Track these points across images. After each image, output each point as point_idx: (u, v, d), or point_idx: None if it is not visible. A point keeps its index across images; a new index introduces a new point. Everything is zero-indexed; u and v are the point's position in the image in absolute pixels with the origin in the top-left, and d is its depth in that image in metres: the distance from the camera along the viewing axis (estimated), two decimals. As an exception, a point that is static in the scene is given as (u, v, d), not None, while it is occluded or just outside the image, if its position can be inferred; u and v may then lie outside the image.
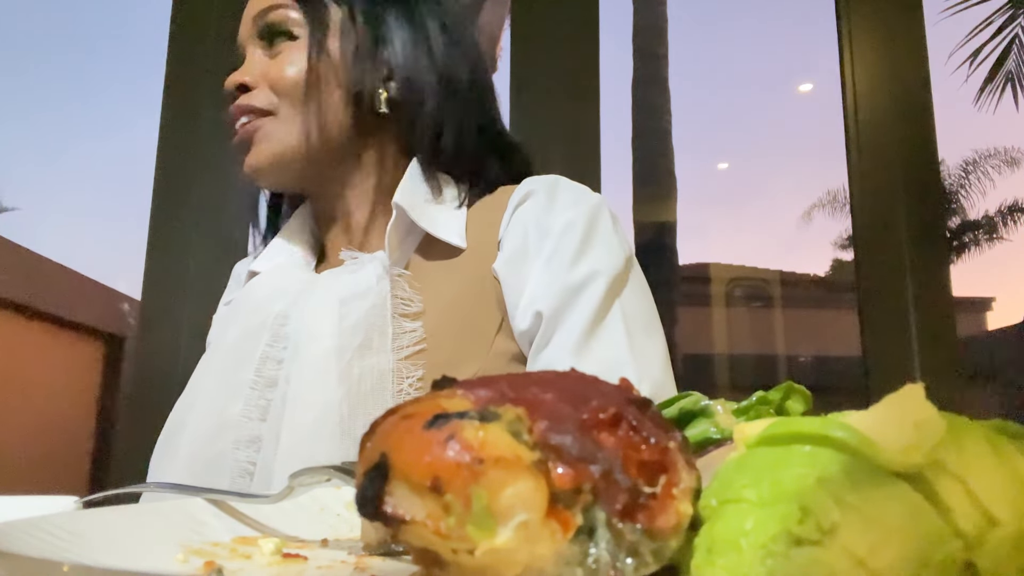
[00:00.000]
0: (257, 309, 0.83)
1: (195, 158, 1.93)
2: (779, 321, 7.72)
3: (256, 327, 0.81)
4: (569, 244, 0.80)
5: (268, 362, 0.79)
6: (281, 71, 0.85)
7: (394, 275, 0.80)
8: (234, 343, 0.82)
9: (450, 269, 0.82)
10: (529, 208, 0.83)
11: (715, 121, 13.61)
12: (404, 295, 0.80)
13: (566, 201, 0.83)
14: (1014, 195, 9.93)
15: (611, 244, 0.82)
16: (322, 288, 0.81)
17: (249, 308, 0.85)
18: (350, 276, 0.81)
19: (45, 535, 0.36)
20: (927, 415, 0.26)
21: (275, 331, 0.80)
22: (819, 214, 9.84)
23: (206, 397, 0.81)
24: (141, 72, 14.55)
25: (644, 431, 0.28)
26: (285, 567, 0.39)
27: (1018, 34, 6.83)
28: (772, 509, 0.24)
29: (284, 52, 0.86)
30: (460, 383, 0.30)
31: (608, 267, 0.79)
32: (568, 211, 0.82)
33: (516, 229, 0.83)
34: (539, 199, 0.84)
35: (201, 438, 0.78)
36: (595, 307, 0.77)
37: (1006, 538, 0.25)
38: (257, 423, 0.78)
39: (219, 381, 0.81)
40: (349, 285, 0.79)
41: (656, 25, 6.48)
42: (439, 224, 0.83)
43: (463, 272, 0.82)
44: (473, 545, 0.25)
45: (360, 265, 0.82)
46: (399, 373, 0.76)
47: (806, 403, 0.38)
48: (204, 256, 1.87)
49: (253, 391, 0.78)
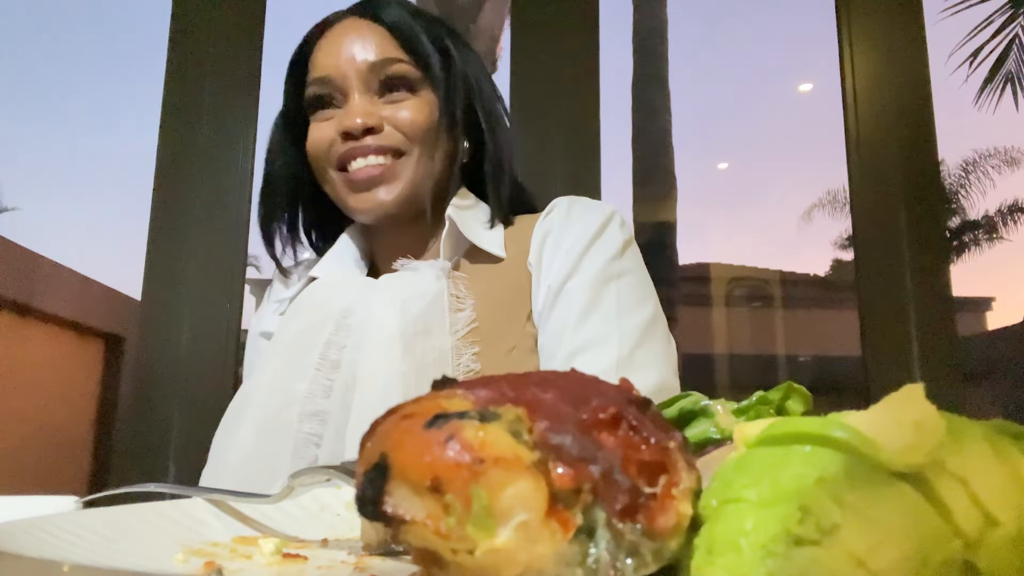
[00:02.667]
0: (319, 305, 0.93)
1: (195, 158, 1.93)
2: (779, 321, 7.73)
3: (320, 319, 0.91)
4: (584, 238, 0.94)
5: (332, 347, 0.89)
6: (412, 118, 0.95)
7: (451, 276, 0.93)
8: (298, 332, 0.92)
9: (492, 272, 0.97)
10: (556, 214, 0.99)
11: (715, 121, 13.63)
12: (459, 294, 0.93)
13: (586, 207, 0.99)
14: (1014, 195, 9.94)
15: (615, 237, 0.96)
16: (383, 287, 0.93)
17: (311, 305, 0.95)
18: (411, 276, 0.93)
19: (45, 535, 0.36)
20: (927, 415, 0.26)
21: (339, 322, 0.90)
22: (819, 214, 9.85)
23: (271, 377, 0.90)
24: (141, 72, 14.55)
25: (644, 431, 0.28)
26: (285, 567, 0.39)
27: (1018, 34, 6.83)
28: (772, 509, 0.24)
29: (408, 101, 0.96)
30: (460, 383, 0.30)
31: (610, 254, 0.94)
32: (586, 215, 0.97)
33: (544, 230, 0.97)
34: (564, 207, 0.99)
35: (266, 411, 0.88)
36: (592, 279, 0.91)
37: (1006, 538, 0.25)
38: (321, 400, 0.87)
39: (284, 363, 0.90)
40: (410, 285, 0.91)
41: (656, 25, 6.48)
42: (483, 238, 0.97)
43: (503, 272, 0.96)
44: (473, 545, 0.25)
45: (418, 269, 0.94)
46: (457, 350, 0.89)
47: (806, 403, 0.38)
48: (204, 256, 1.87)
49: (318, 372, 0.88)
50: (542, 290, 0.93)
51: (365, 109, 0.94)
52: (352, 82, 0.95)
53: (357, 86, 0.95)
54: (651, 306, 0.94)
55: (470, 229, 0.97)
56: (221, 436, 0.91)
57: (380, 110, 0.95)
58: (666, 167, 6.18)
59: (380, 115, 0.95)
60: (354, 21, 0.98)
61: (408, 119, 0.95)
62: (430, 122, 0.96)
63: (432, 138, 0.96)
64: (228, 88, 1.98)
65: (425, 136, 0.95)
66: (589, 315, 0.90)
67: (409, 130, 0.95)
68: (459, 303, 0.92)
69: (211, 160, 1.93)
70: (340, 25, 0.99)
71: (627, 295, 0.92)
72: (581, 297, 0.90)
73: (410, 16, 0.99)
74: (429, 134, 0.96)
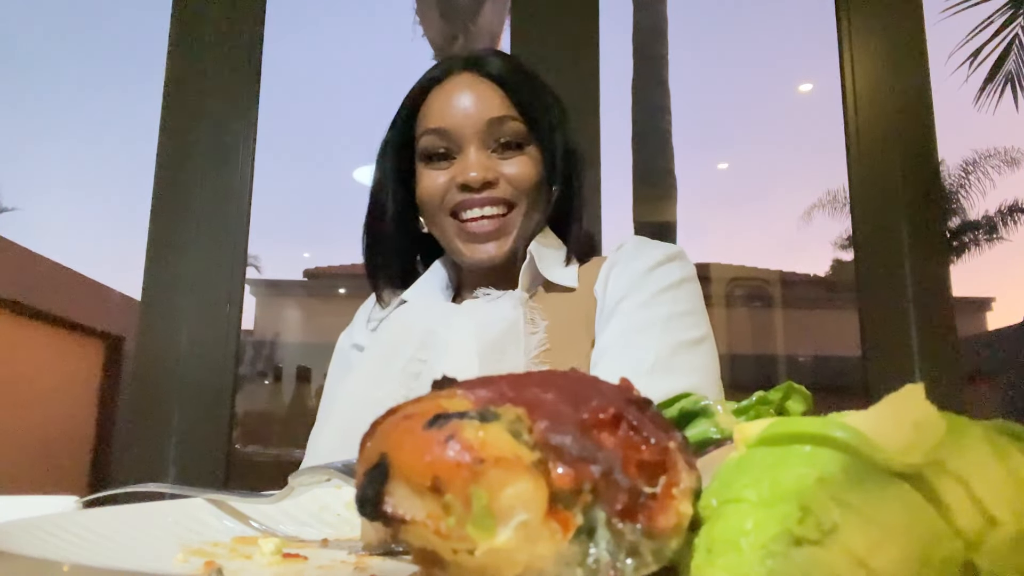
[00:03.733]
0: (407, 326, 1.02)
1: (195, 158, 1.93)
2: (779, 321, 7.72)
3: (405, 338, 1.00)
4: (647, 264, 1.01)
5: (414, 362, 0.96)
6: (524, 174, 1.03)
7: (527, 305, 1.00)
8: (386, 346, 1.01)
9: (565, 301, 1.04)
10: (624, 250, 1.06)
11: (715, 121, 13.61)
12: (533, 319, 0.99)
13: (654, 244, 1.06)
14: (1014, 195, 9.93)
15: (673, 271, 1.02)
16: (465, 313, 1.00)
17: (399, 325, 1.03)
18: (490, 305, 1.00)
19: (45, 535, 0.36)
20: (927, 415, 0.26)
21: (423, 339, 0.98)
22: (819, 214, 9.84)
23: (357, 381, 1.00)
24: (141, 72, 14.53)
25: (644, 431, 0.27)
26: (285, 567, 0.39)
27: (1018, 34, 6.84)
28: (772, 509, 0.24)
29: (519, 157, 1.03)
30: (460, 383, 0.30)
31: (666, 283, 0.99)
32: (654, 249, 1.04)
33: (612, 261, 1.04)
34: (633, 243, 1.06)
35: (348, 412, 0.97)
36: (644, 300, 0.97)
37: (1006, 538, 0.25)
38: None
39: (370, 372, 1.00)
40: (489, 312, 0.99)
41: (656, 25, 6.47)
42: (556, 273, 1.05)
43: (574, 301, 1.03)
44: (473, 545, 0.25)
45: (497, 299, 1.01)
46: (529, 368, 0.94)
47: (806, 403, 0.38)
48: (204, 256, 1.87)
49: (399, 380, 0.95)
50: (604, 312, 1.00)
51: (483, 164, 1.01)
52: (469, 136, 1.02)
53: (474, 141, 1.02)
54: (702, 330, 0.97)
55: (547, 266, 1.04)
56: (315, 430, 1.03)
57: (496, 165, 1.02)
58: (666, 167, 6.17)
59: (497, 170, 1.02)
60: (470, 77, 1.05)
61: (520, 175, 1.03)
62: (538, 177, 1.04)
63: (536, 192, 1.04)
64: (228, 89, 1.98)
65: (532, 189, 1.03)
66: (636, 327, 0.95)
67: (521, 185, 1.03)
68: (532, 327, 0.98)
69: (211, 160, 1.93)
70: (457, 79, 1.05)
71: (678, 317, 0.96)
72: (631, 314, 0.96)
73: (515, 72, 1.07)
74: (535, 188, 1.03)
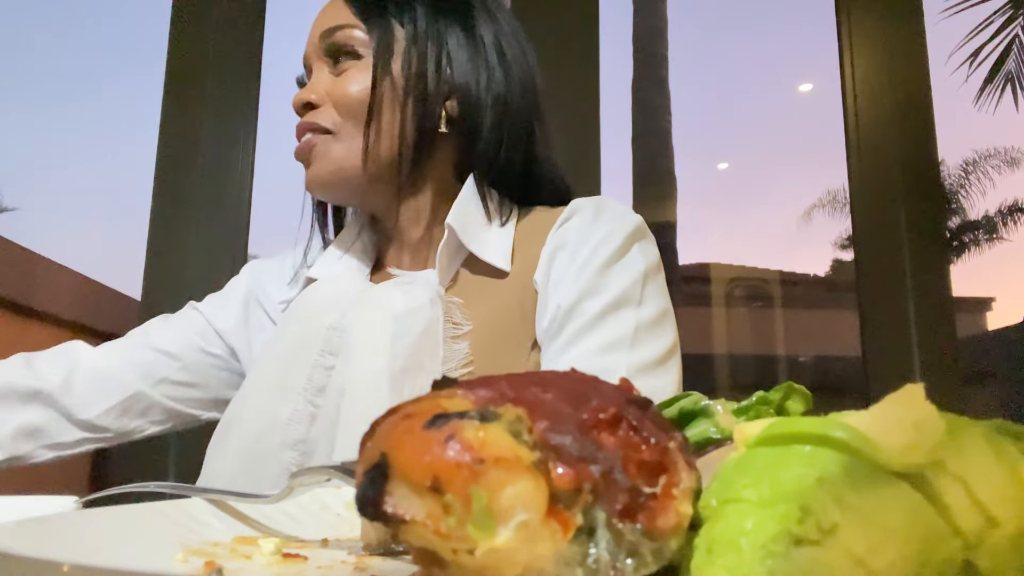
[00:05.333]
0: (310, 318, 0.86)
1: (195, 158, 1.93)
2: (779, 321, 7.72)
3: (310, 335, 0.84)
4: (602, 254, 0.84)
5: (318, 369, 0.82)
6: (345, 90, 0.87)
7: (448, 300, 0.84)
8: (287, 348, 0.86)
9: (495, 287, 0.86)
10: (574, 224, 0.87)
11: (715, 121, 13.61)
12: (456, 320, 0.84)
13: (607, 218, 0.87)
14: (1014, 195, 9.93)
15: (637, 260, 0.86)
16: (375, 302, 0.85)
17: (303, 316, 0.88)
18: (402, 294, 0.84)
19: (45, 535, 0.36)
20: (927, 415, 0.26)
21: (328, 339, 0.83)
22: (819, 214, 9.83)
23: (257, 397, 0.85)
24: (141, 72, 14.55)
25: (644, 431, 0.28)
26: (285, 567, 0.39)
27: (1018, 34, 6.83)
28: (772, 509, 0.24)
29: (349, 71, 0.88)
30: (460, 383, 0.30)
31: (632, 277, 0.84)
32: (607, 226, 0.86)
33: (558, 242, 0.86)
34: (585, 216, 0.88)
35: (250, 436, 0.82)
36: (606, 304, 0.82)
37: (1006, 538, 0.25)
38: (305, 427, 0.81)
39: (270, 383, 0.85)
40: (402, 302, 0.83)
41: (656, 25, 6.48)
42: (488, 247, 0.87)
43: (508, 290, 0.86)
44: (473, 545, 0.25)
45: (411, 283, 0.86)
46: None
47: (806, 403, 0.38)
48: (204, 256, 1.87)
49: (302, 396, 0.81)
50: (549, 309, 0.83)
51: (313, 83, 0.89)
52: (310, 56, 0.91)
53: (313, 57, 0.90)
54: (668, 339, 0.84)
55: (473, 236, 0.86)
56: (212, 451, 0.86)
57: (329, 84, 0.88)
58: (666, 167, 6.18)
59: (325, 89, 0.87)
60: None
61: (338, 90, 0.87)
62: (362, 92, 0.86)
63: (363, 111, 0.85)
64: (228, 88, 1.98)
65: (355, 109, 0.86)
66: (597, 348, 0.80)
67: (339, 103, 0.87)
68: (455, 329, 0.83)
69: (211, 160, 1.93)
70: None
71: (644, 330, 0.82)
72: (590, 332, 0.81)
73: None
74: (360, 107, 0.86)
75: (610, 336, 0.80)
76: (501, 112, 0.89)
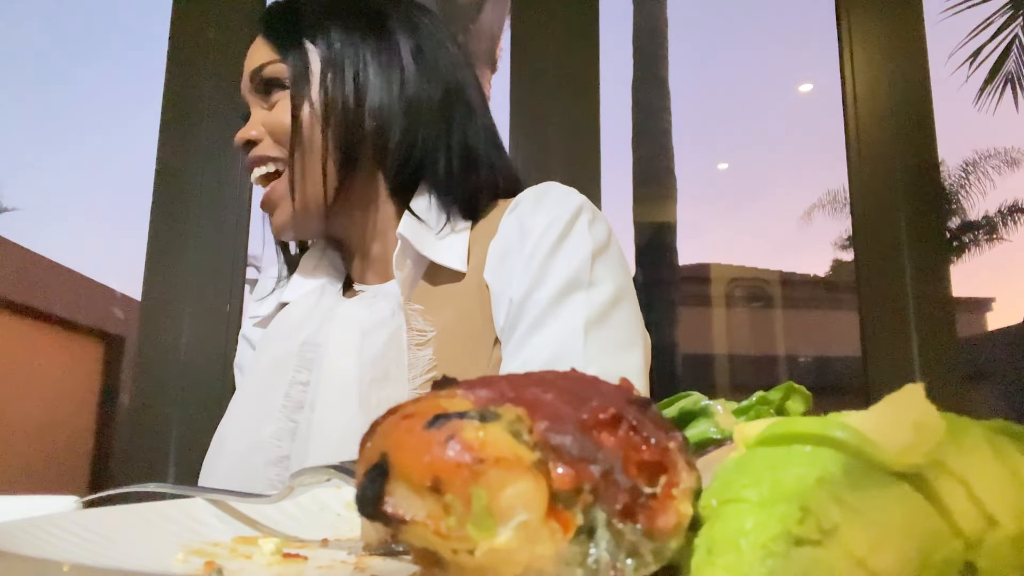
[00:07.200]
0: (286, 338, 0.89)
1: (195, 158, 1.93)
2: (779, 321, 7.73)
3: (285, 354, 0.87)
4: (547, 241, 0.84)
5: (295, 386, 0.85)
6: (278, 120, 0.88)
7: (408, 309, 0.85)
8: (265, 370, 0.89)
9: (455, 291, 0.87)
10: (517, 215, 0.88)
11: (715, 121, 13.62)
12: (418, 327, 0.84)
13: (549, 203, 0.87)
14: (1014, 195, 9.94)
15: (582, 241, 0.84)
16: (343, 318, 0.87)
17: (279, 337, 0.90)
18: (366, 308, 0.86)
19: (45, 535, 0.36)
20: (927, 415, 0.26)
21: (302, 356, 0.86)
22: (819, 214, 9.84)
23: (241, 420, 0.89)
24: (141, 72, 14.57)
25: (644, 431, 0.27)
26: (285, 567, 0.39)
27: (1018, 34, 6.84)
28: (772, 509, 0.24)
29: (280, 102, 0.89)
30: (460, 383, 0.30)
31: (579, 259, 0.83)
32: (550, 212, 0.85)
33: (504, 235, 0.87)
34: (527, 205, 0.88)
35: (237, 457, 0.85)
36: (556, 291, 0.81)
37: (1006, 538, 0.25)
38: (287, 443, 0.84)
39: (252, 405, 0.88)
40: (367, 316, 0.85)
41: (656, 25, 6.48)
42: (442, 251, 0.87)
43: (466, 291, 0.87)
44: (473, 545, 0.25)
45: (374, 297, 0.88)
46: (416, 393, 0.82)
47: (806, 403, 0.38)
48: (204, 256, 1.87)
49: (282, 414, 0.84)
50: (503, 304, 0.84)
51: (251, 121, 0.91)
52: (246, 96, 0.93)
53: (248, 95, 0.92)
54: (626, 316, 0.82)
55: (427, 242, 0.86)
56: (204, 472, 0.88)
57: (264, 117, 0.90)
58: (666, 167, 6.18)
59: (260, 123, 0.89)
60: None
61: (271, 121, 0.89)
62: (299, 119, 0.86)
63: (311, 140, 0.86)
64: (228, 88, 1.98)
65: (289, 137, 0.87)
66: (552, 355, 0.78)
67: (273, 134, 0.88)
68: (419, 336, 0.84)
69: (211, 160, 1.93)
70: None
71: (599, 307, 0.81)
72: (547, 312, 0.80)
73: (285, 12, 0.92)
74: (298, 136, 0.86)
75: (563, 323, 0.80)
76: (415, 114, 0.88)
